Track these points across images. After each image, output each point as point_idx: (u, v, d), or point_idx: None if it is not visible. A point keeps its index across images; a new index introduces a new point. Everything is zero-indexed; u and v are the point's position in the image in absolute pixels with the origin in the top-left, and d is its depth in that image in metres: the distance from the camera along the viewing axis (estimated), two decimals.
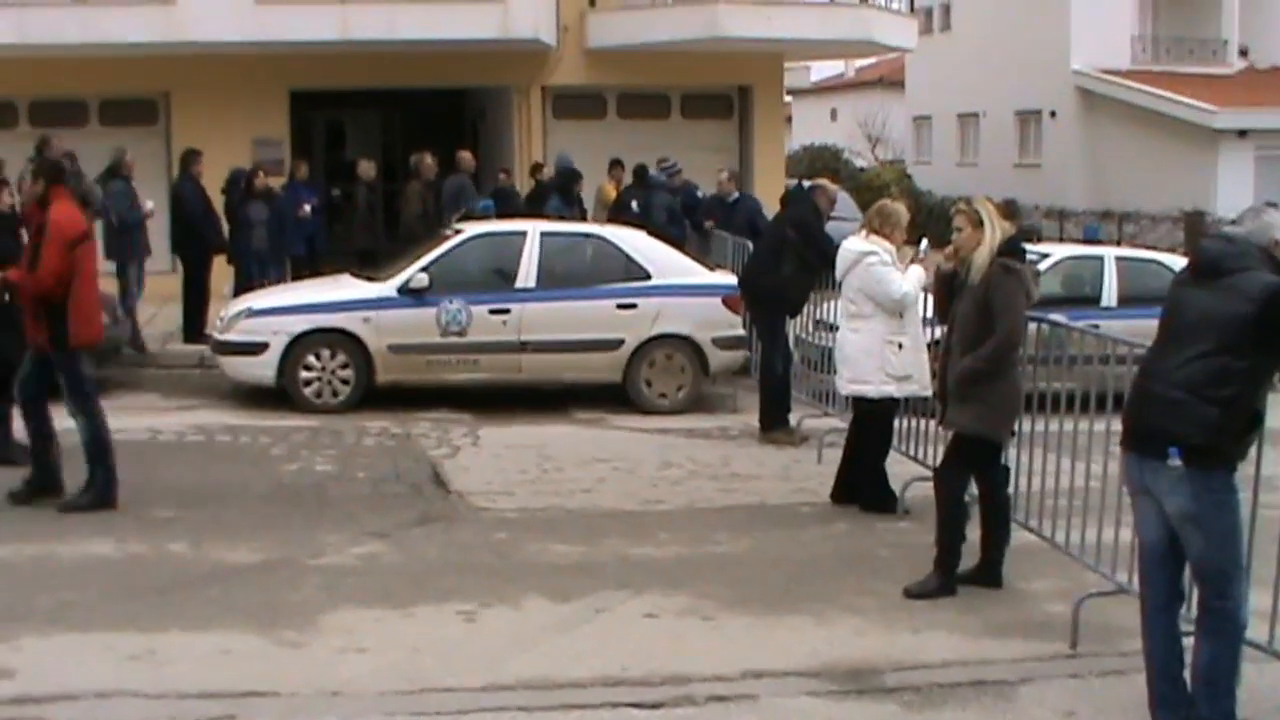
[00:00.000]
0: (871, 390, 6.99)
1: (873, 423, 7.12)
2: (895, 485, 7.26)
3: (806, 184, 9.46)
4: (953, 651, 5.06)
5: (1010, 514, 5.93)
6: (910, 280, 6.93)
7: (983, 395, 5.55)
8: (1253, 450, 4.20)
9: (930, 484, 6.92)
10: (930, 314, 6.65)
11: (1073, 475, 5.66)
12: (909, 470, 7.44)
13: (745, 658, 4.91)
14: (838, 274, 7.16)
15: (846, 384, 7.13)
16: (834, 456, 7.54)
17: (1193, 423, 3.95)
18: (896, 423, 7.44)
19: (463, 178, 13.41)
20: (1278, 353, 3.97)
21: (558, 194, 12.98)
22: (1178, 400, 3.98)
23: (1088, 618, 5.20)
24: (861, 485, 7.12)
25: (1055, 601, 5.64)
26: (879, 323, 6.93)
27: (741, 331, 10.00)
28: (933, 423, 7.03)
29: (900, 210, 7.11)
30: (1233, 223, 4.22)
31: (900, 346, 6.91)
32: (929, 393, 6.96)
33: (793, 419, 9.03)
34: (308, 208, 13.09)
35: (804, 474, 7.92)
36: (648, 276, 10.04)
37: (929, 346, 7.05)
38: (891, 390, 6.96)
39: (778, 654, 4.98)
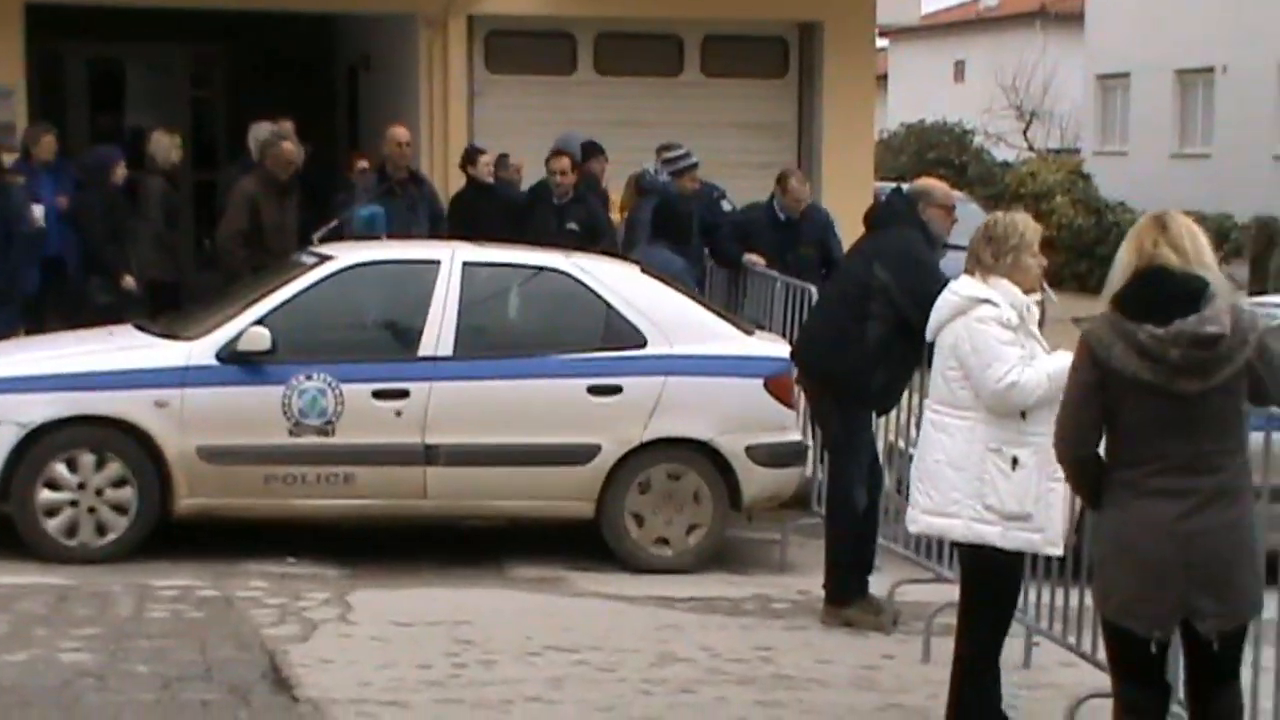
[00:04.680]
0: (959, 529, 7.18)
1: (974, 589, 7.26)
2: (1047, 705, 7.37)
3: (907, 189, 9.70)
4: None
5: None
6: (1047, 366, 7.08)
7: (1257, 543, 5.77)
8: None
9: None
10: None
11: None
12: (1078, 678, 7.59)
13: None
14: (929, 333, 7.38)
15: (919, 515, 7.35)
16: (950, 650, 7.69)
17: None
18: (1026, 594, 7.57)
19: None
20: None
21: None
22: None
23: None
24: (957, 699, 7.21)
25: None
26: (983, 420, 7.15)
27: (797, 436, 10.21)
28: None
29: (1023, 225, 7.28)
30: None
31: (1015, 463, 7.13)
32: (1058, 550, 7.14)
33: (881, 584, 9.20)
34: (39, 210, 13.10)
35: (900, 679, 8.05)
36: (642, 341, 10.27)
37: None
38: (991, 534, 7.09)
39: None
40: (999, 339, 7.02)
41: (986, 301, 7.08)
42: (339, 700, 7.50)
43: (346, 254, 10.68)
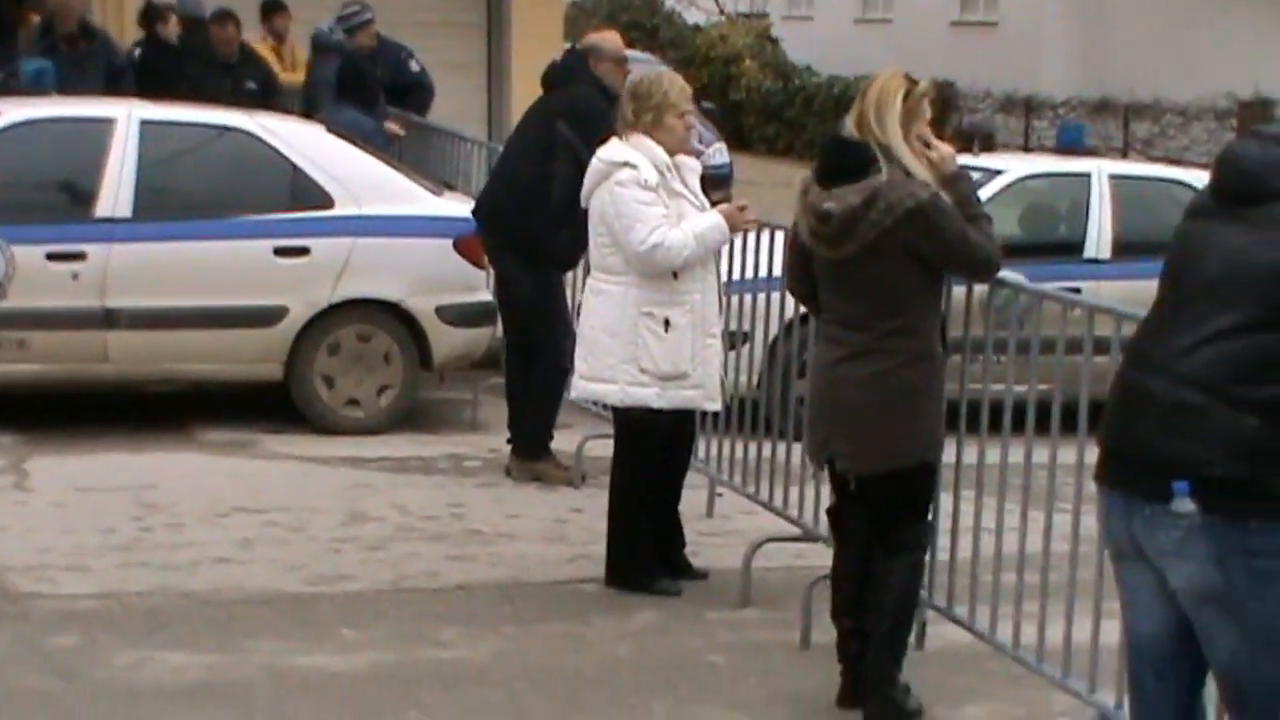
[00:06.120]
0: (615, 394, 7.37)
1: (624, 449, 7.53)
2: (728, 550, 7.65)
3: (578, 46, 9.71)
4: None
5: (920, 597, 6.38)
6: (695, 226, 7.25)
7: (912, 405, 6.00)
8: None
9: (791, 549, 7.33)
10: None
11: (1023, 534, 6.06)
12: (758, 525, 7.84)
13: None
14: (582, 200, 7.50)
15: (578, 380, 7.54)
16: None
17: (1214, 440, 4.17)
18: (731, 449, 7.82)
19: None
20: None
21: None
22: (1189, 404, 4.20)
23: None
24: (610, 549, 7.53)
25: None
26: (636, 284, 7.28)
27: (487, 296, 10.27)
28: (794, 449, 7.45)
29: (668, 84, 7.40)
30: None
31: (668, 325, 7.28)
32: (717, 405, 7.47)
33: (569, 440, 9.36)
34: None
35: (589, 531, 8.19)
36: (329, 202, 10.21)
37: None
38: (648, 395, 7.30)
39: None
40: (639, 200, 7.16)
41: (626, 164, 7.21)
42: (15, 568, 7.44)
43: (13, 110, 10.36)
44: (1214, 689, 4.43)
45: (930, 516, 6.31)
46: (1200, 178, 11.70)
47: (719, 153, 12.21)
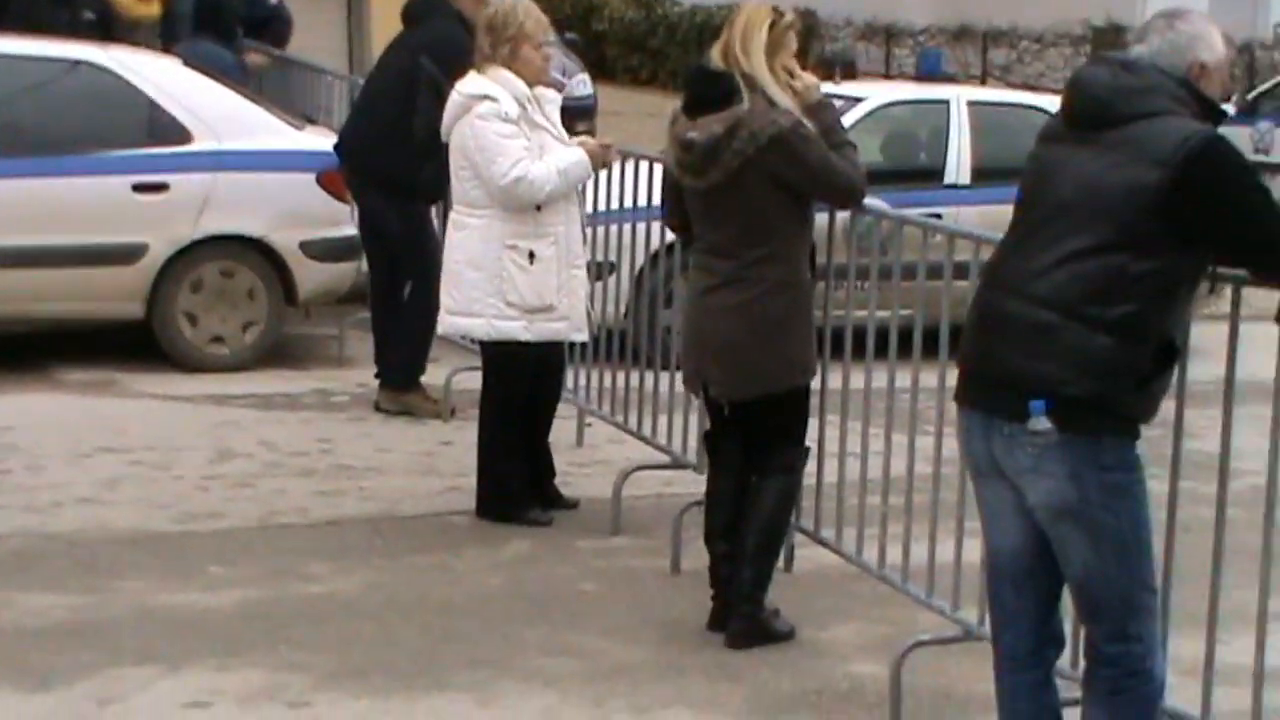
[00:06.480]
0: (481, 328, 7.38)
1: (492, 382, 7.55)
2: (598, 480, 7.70)
3: None
4: None
5: (791, 519, 6.47)
6: (558, 160, 7.25)
7: (781, 331, 6.07)
8: (1167, 405, 4.55)
9: (661, 476, 7.40)
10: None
11: (888, 457, 6.15)
12: (627, 454, 7.89)
13: None
14: (443, 134, 7.47)
15: (445, 316, 7.53)
16: None
17: (1068, 360, 4.25)
18: (600, 380, 7.84)
19: None
20: (1202, 246, 4.30)
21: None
22: (1044, 324, 4.28)
23: (916, 681, 5.63)
24: (480, 481, 7.56)
25: (864, 657, 6.12)
26: (499, 218, 7.27)
27: (352, 231, 10.21)
28: (662, 378, 7.49)
29: (524, 14, 7.34)
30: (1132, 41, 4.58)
31: (532, 258, 7.29)
32: (584, 336, 7.55)
33: (438, 374, 9.34)
34: None
35: (458, 463, 8.19)
36: (188, 137, 10.10)
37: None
38: (515, 329, 7.31)
39: None
40: (500, 134, 7.15)
41: (485, 98, 7.18)
42: None
43: None
44: (1070, 601, 4.52)
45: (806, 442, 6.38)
46: (1056, 103, 11.88)
47: (582, 84, 12.13)
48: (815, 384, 6.34)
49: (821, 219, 6.39)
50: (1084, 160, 4.33)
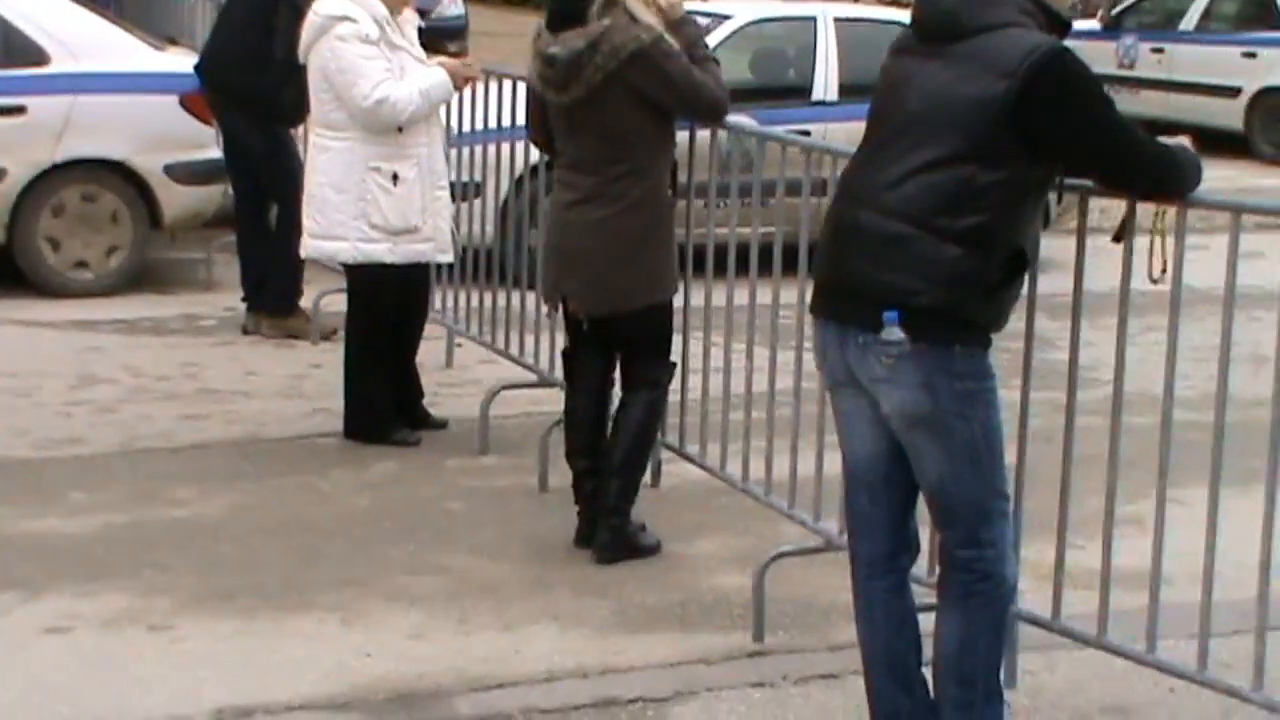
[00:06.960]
0: (347, 251, 7.35)
1: (358, 304, 7.52)
2: (467, 400, 7.73)
3: None
4: (567, 656, 5.44)
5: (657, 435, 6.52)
6: (420, 82, 7.20)
7: (641, 248, 6.09)
8: (1018, 315, 4.63)
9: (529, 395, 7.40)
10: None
11: (750, 371, 6.18)
12: (496, 374, 7.89)
13: (224, 683, 5.12)
14: (300, 55, 7.41)
15: (309, 240, 7.49)
16: None
17: (919, 270, 4.29)
18: (468, 300, 7.83)
19: None
20: (1049, 156, 4.35)
21: None
22: (895, 235, 4.32)
23: (779, 592, 5.71)
24: (347, 402, 7.55)
25: (729, 570, 6.17)
26: (361, 140, 7.23)
27: (217, 153, 10.11)
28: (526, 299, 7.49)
29: None
30: None
31: (396, 179, 7.26)
32: (449, 257, 7.55)
33: (305, 298, 9.30)
34: None
35: (326, 385, 8.17)
36: (45, 59, 9.95)
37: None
38: (380, 251, 7.29)
39: (280, 675, 5.21)
40: (361, 55, 7.11)
41: (344, 18, 7.13)
42: None
43: None
44: (924, 508, 4.58)
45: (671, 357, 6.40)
46: None
47: (454, 4, 12.12)
48: (678, 301, 6.36)
49: (683, 135, 6.39)
50: (933, 72, 4.36)
